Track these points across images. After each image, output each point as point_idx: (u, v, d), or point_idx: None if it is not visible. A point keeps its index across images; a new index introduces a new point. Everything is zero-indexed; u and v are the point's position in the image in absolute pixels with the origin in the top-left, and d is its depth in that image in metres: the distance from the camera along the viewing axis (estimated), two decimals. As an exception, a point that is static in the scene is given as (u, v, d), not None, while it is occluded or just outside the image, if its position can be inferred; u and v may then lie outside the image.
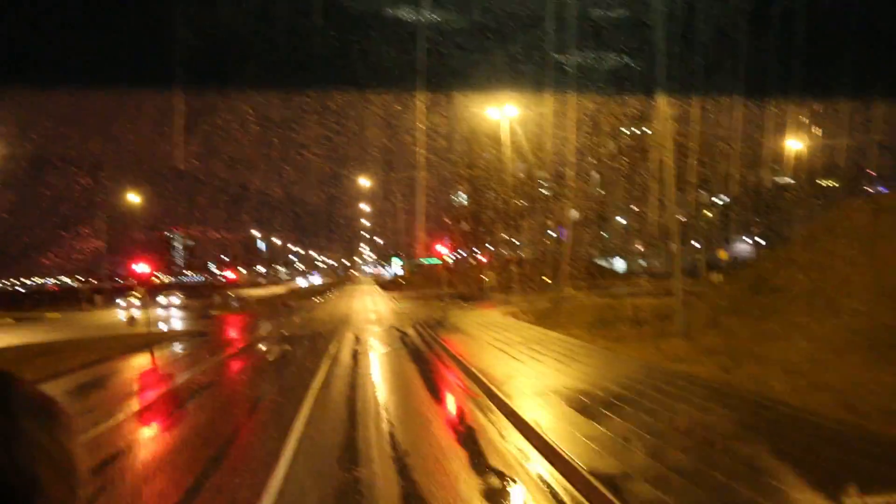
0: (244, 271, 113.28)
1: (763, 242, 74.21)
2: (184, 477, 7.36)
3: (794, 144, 48.28)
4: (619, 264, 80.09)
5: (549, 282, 39.31)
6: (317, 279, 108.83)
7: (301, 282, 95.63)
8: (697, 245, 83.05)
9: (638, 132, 44.92)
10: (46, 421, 0.65)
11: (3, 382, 0.64)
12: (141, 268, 24.42)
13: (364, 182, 58.20)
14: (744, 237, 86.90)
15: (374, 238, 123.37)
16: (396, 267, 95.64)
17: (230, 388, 13.29)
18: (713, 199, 65.90)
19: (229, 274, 55.86)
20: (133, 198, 54.89)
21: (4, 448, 0.59)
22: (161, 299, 50.96)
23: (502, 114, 38.24)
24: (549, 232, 59.79)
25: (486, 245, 53.43)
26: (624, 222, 72.48)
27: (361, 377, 13.33)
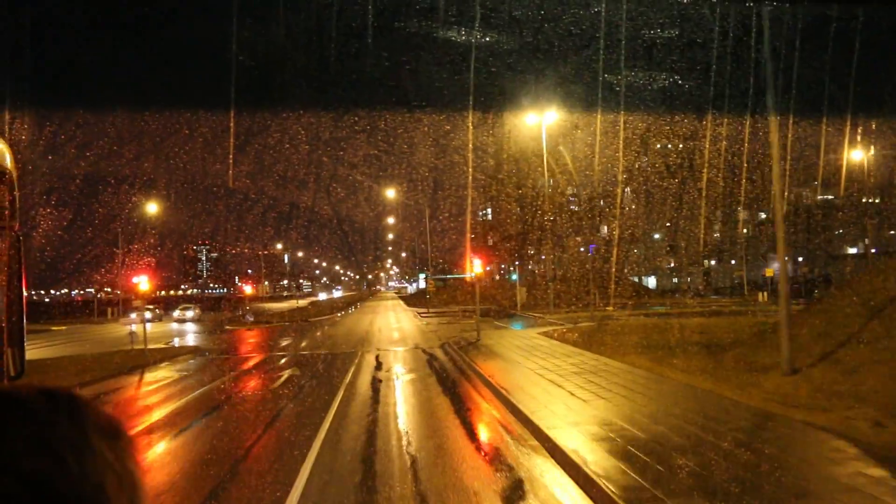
0: (266, 284, 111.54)
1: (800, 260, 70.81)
2: None
3: (855, 156, 44.86)
4: (651, 282, 76.75)
5: (589, 299, 36.29)
6: (338, 293, 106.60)
7: (322, 296, 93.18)
8: (733, 262, 79.37)
9: (684, 150, 42.98)
10: (113, 440, 0.70)
11: (74, 401, 0.70)
12: (141, 282, 21.92)
13: (390, 193, 55.68)
14: (792, 256, 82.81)
15: (402, 253, 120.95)
16: (422, 282, 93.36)
17: (209, 433, 10.53)
18: (762, 214, 62.83)
19: (246, 287, 52.92)
20: (152, 207, 52.79)
21: (78, 461, 0.64)
22: (176, 313, 48.87)
23: (542, 123, 35.56)
24: (581, 249, 57.75)
25: (516, 261, 51.17)
26: (657, 238, 69.44)
27: (382, 419, 10.49)
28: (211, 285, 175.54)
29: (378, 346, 22.56)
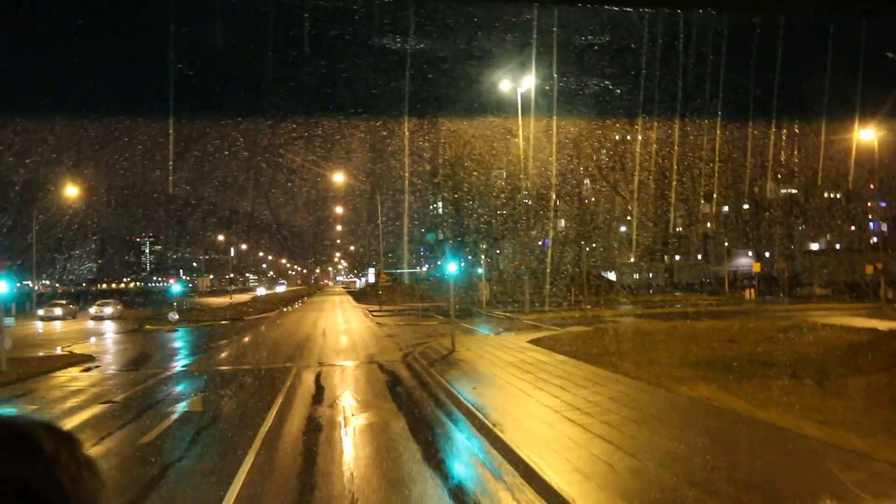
0: (210, 278, 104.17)
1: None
2: None
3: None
4: (611, 277, 73.29)
5: (568, 296, 31.91)
6: (282, 287, 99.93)
7: (261, 291, 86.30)
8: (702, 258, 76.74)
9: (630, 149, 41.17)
10: (96, 477, 0.79)
11: (72, 438, 0.80)
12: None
13: (338, 178, 50.16)
14: (748, 251, 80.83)
15: (350, 247, 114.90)
16: (371, 276, 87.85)
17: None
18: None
19: (175, 284, 46.08)
20: (72, 191, 45.88)
21: (73, 489, 0.73)
22: (93, 310, 42.31)
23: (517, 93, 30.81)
24: (540, 242, 55.39)
25: (482, 257, 47.49)
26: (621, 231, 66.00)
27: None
28: (154, 279, 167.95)
29: (321, 358, 17.28)
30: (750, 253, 79.97)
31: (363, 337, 23.21)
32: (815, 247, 72.54)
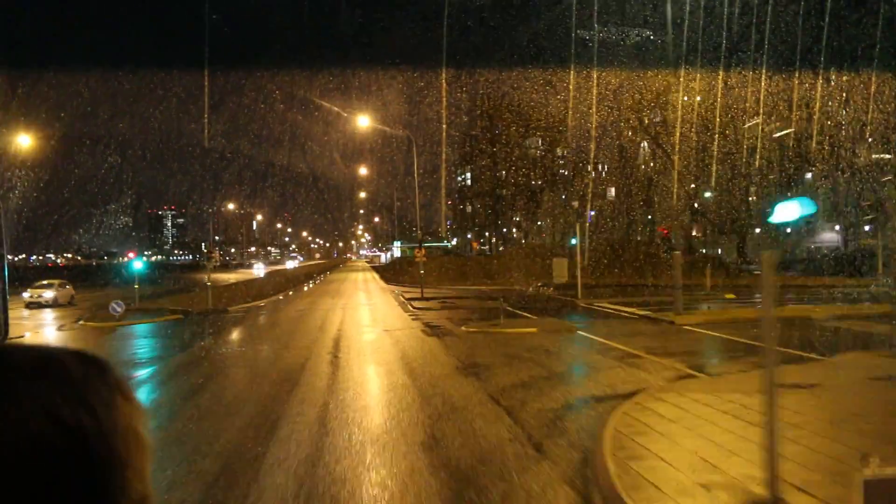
0: (218, 251, 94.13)
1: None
2: None
3: None
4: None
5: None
6: (293, 263, 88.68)
7: (257, 269, 74.60)
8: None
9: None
10: (131, 401, 0.75)
11: (102, 363, 0.75)
12: None
13: (363, 122, 39.65)
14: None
15: (375, 219, 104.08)
16: (396, 250, 77.11)
17: None
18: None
19: (134, 259, 33.71)
20: (24, 140, 35.46)
21: (106, 416, 0.70)
22: (27, 295, 31.55)
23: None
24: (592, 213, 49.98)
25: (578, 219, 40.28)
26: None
27: None
28: (176, 253, 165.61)
29: (340, 435, 6.12)
30: (837, 227, 67.41)
31: (416, 355, 11.98)
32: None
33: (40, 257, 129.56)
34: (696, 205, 46.86)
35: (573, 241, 25.25)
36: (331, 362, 12.18)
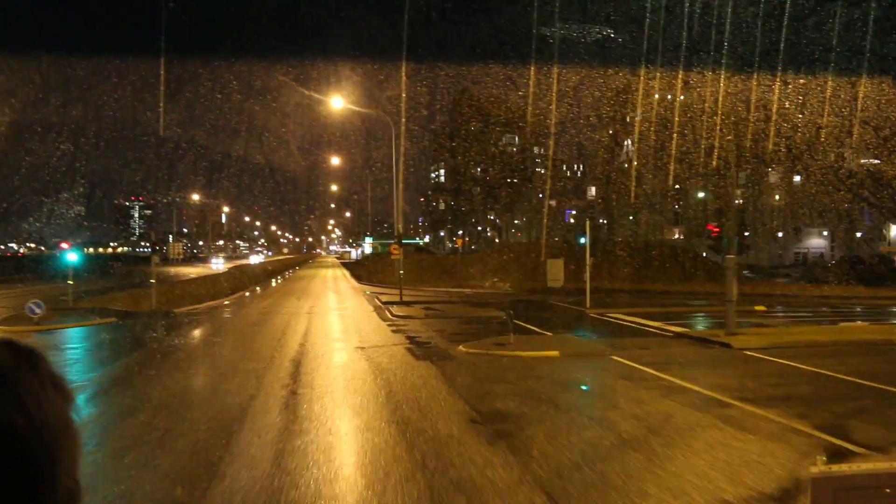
0: (182, 243, 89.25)
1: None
2: None
3: None
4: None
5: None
6: (257, 258, 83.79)
7: (216, 264, 69.88)
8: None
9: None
10: (62, 392, 0.72)
11: (34, 354, 0.72)
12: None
13: (337, 103, 36.22)
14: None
15: (346, 213, 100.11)
16: (367, 247, 74.09)
17: None
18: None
19: (68, 251, 29.15)
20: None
21: (38, 408, 0.67)
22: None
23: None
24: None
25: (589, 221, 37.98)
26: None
27: None
28: (143, 245, 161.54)
29: None
30: (825, 233, 65.58)
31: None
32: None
33: (2, 246, 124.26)
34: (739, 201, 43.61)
35: (581, 241, 21.75)
36: (285, 405, 8.49)
